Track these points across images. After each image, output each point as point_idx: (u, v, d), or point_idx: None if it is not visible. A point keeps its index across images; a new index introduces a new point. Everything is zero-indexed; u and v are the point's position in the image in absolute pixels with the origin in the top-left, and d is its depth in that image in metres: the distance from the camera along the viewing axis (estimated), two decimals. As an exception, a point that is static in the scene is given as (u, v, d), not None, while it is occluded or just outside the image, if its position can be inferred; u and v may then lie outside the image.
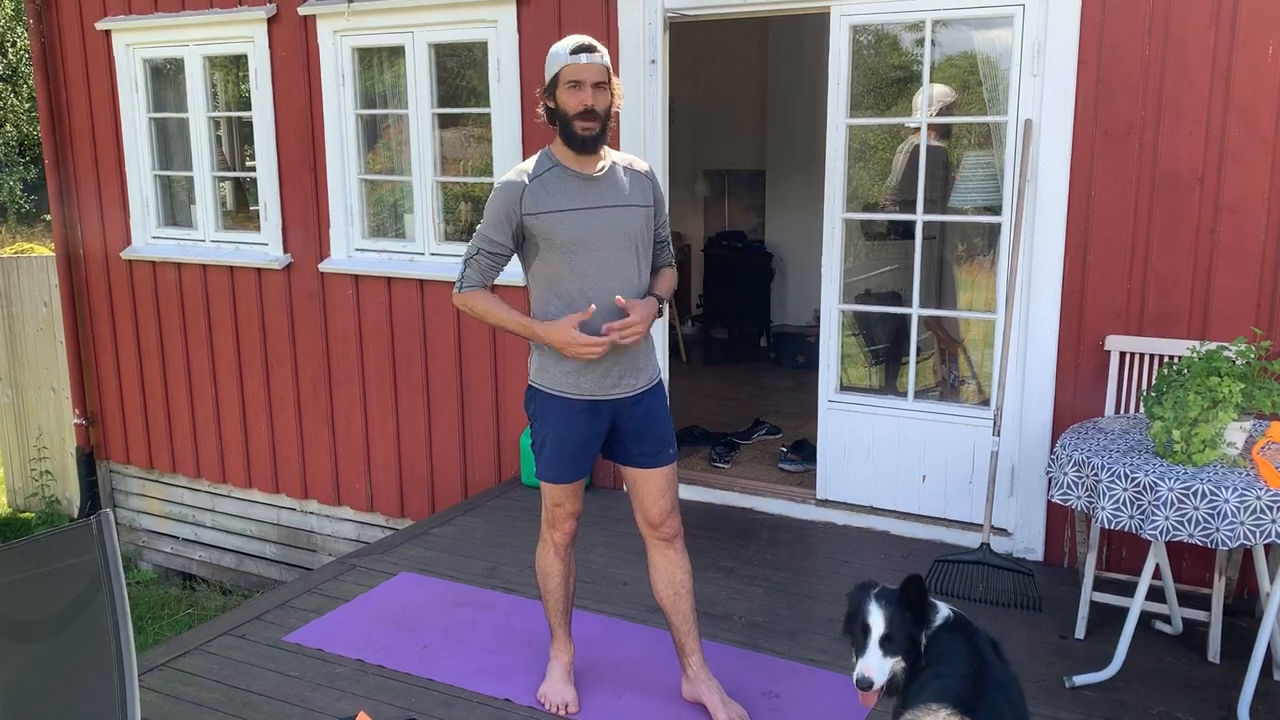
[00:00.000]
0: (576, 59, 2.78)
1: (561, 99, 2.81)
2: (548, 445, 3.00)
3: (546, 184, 2.85)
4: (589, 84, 2.79)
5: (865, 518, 4.58)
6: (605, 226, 2.86)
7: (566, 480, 3.01)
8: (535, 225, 2.84)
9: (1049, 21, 3.90)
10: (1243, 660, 3.16)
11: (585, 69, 2.79)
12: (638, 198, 2.95)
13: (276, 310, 5.90)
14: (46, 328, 7.36)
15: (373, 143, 5.64)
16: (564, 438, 2.97)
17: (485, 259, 2.90)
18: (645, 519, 3.08)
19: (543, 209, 2.83)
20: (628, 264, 2.91)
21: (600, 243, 2.86)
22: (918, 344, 4.47)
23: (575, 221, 2.84)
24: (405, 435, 5.66)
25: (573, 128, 2.81)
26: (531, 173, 2.87)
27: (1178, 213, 3.81)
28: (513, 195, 2.84)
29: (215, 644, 3.60)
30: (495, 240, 2.88)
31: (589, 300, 2.85)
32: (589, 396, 2.94)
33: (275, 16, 5.56)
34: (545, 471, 3.02)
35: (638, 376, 2.99)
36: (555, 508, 3.07)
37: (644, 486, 3.04)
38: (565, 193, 2.85)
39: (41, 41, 6.37)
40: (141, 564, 6.82)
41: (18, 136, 19.22)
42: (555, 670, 3.21)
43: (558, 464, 3.00)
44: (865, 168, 4.85)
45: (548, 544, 3.13)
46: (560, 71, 2.80)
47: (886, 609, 2.31)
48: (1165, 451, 3.11)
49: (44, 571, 2.12)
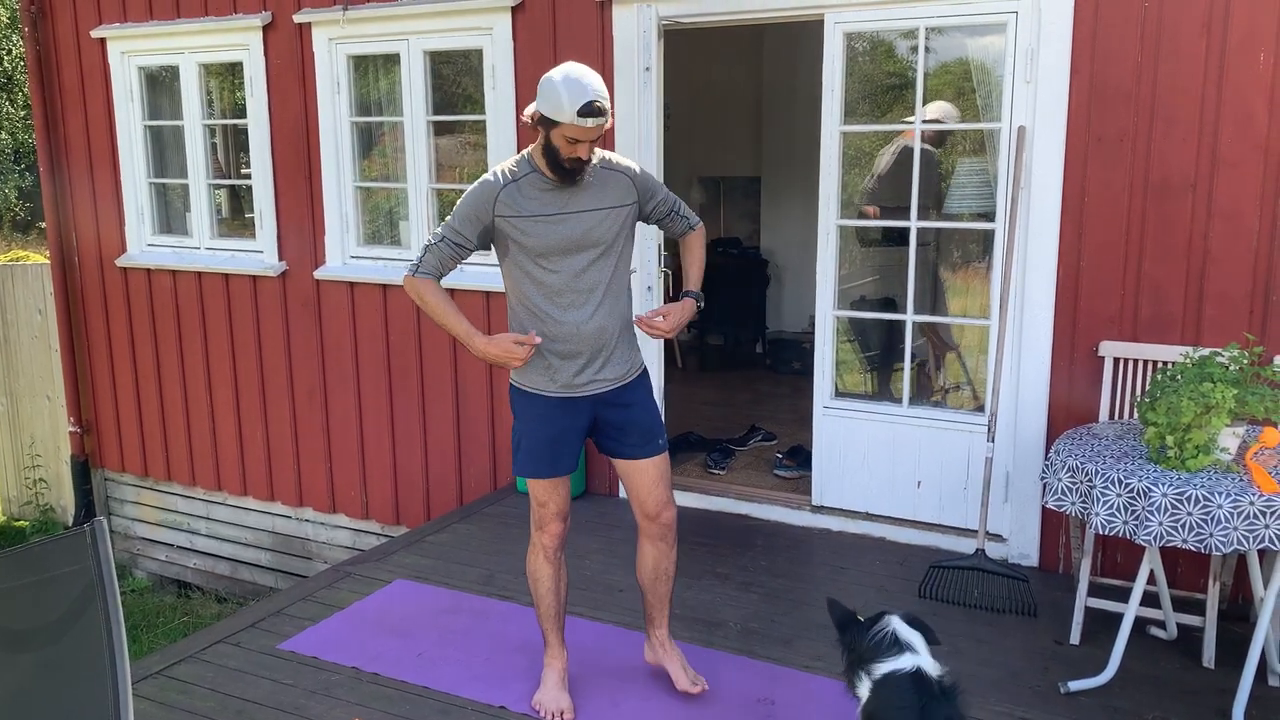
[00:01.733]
0: (583, 123, 2.70)
1: (556, 141, 2.77)
2: (522, 441, 3.06)
3: (523, 189, 2.88)
4: (587, 141, 2.77)
5: (861, 524, 4.58)
6: (577, 234, 2.89)
7: (544, 475, 3.03)
8: (506, 228, 2.88)
9: (1042, 29, 3.91)
10: (1237, 665, 3.16)
11: (590, 132, 2.74)
12: (613, 199, 2.95)
13: (272, 318, 5.90)
14: (41, 335, 7.35)
15: (368, 150, 5.65)
16: (536, 433, 3.03)
17: (448, 248, 2.95)
18: (642, 510, 3.13)
19: (515, 213, 2.87)
20: (600, 269, 2.95)
21: (571, 249, 2.89)
22: (913, 350, 4.48)
23: (547, 229, 2.87)
24: (400, 442, 5.65)
25: (560, 162, 2.81)
26: (510, 175, 2.90)
27: (1171, 219, 3.83)
28: (487, 195, 2.88)
29: (210, 652, 3.59)
30: (461, 234, 2.94)
31: (557, 304, 2.91)
32: (562, 394, 2.99)
33: (270, 24, 5.57)
34: (521, 466, 3.07)
35: (614, 370, 3.02)
36: (540, 508, 3.09)
37: (637, 477, 3.10)
38: (540, 199, 2.88)
39: (37, 49, 6.37)
40: (136, 572, 6.81)
41: (13, 144, 19.21)
42: (549, 678, 3.21)
43: (532, 459, 3.03)
44: (860, 174, 4.86)
45: (536, 547, 3.14)
46: (562, 124, 2.72)
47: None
48: (1159, 457, 3.12)
49: (38, 580, 2.11)
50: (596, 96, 2.71)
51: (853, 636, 2.50)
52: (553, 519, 3.09)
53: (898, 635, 2.41)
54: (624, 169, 3.01)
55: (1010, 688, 3.27)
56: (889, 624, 2.45)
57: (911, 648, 2.40)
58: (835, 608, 2.58)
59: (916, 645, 2.41)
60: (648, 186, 3.07)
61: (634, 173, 3.03)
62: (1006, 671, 3.38)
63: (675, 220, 3.17)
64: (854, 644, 2.48)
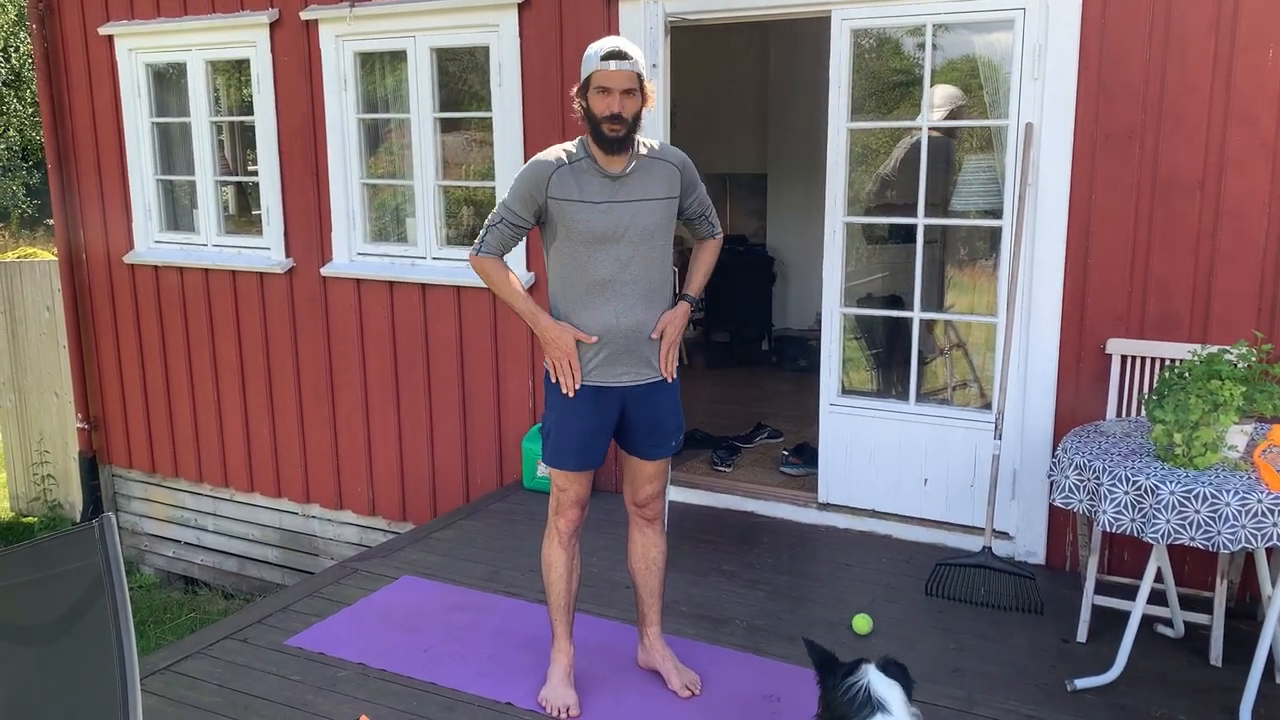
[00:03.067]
0: (606, 65, 2.84)
1: (591, 102, 2.88)
2: (553, 431, 3.09)
3: (576, 173, 2.95)
4: (618, 91, 2.85)
5: (867, 521, 4.58)
6: (624, 223, 2.95)
7: (570, 468, 3.07)
8: (557, 211, 2.94)
9: (1050, 25, 3.90)
10: (1244, 664, 3.15)
11: (614, 76, 2.84)
12: (660, 190, 3.01)
13: (278, 314, 5.91)
14: (49, 332, 7.37)
15: (374, 147, 5.65)
16: (567, 425, 3.06)
17: (507, 229, 3.00)
18: (632, 497, 3.23)
19: (566, 196, 2.92)
20: (645, 256, 3.00)
21: (616, 238, 2.95)
22: (920, 347, 4.47)
23: (594, 215, 2.93)
24: (407, 439, 5.66)
25: (600, 129, 2.89)
26: (566, 158, 2.96)
27: (1178, 216, 3.81)
28: (541, 175, 2.94)
29: (217, 648, 3.60)
30: (517, 213, 2.99)
31: (600, 294, 2.96)
32: (595, 383, 3.02)
33: (277, 21, 5.57)
34: (551, 457, 3.09)
35: (647, 367, 3.06)
36: (560, 493, 3.13)
37: (638, 470, 3.18)
38: (590, 185, 2.94)
39: (45, 46, 6.39)
40: (143, 568, 6.83)
41: (21, 141, 19.28)
42: (556, 673, 3.21)
43: (560, 452, 3.07)
44: (866, 171, 4.85)
45: (552, 532, 3.18)
46: (591, 75, 2.87)
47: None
48: (1167, 455, 3.11)
49: (46, 576, 2.12)
50: (621, 46, 2.86)
51: (828, 685, 2.36)
52: (571, 505, 3.13)
53: (871, 693, 2.26)
54: (672, 159, 3.05)
55: (1017, 685, 3.27)
56: (864, 677, 2.30)
57: (884, 707, 2.24)
58: (813, 649, 2.44)
59: (891, 704, 2.26)
60: (692, 180, 3.11)
61: (681, 163, 3.08)
62: (1013, 669, 3.38)
63: (702, 223, 3.23)
64: (829, 696, 2.35)
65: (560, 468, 3.08)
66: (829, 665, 2.40)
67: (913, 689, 2.34)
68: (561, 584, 3.18)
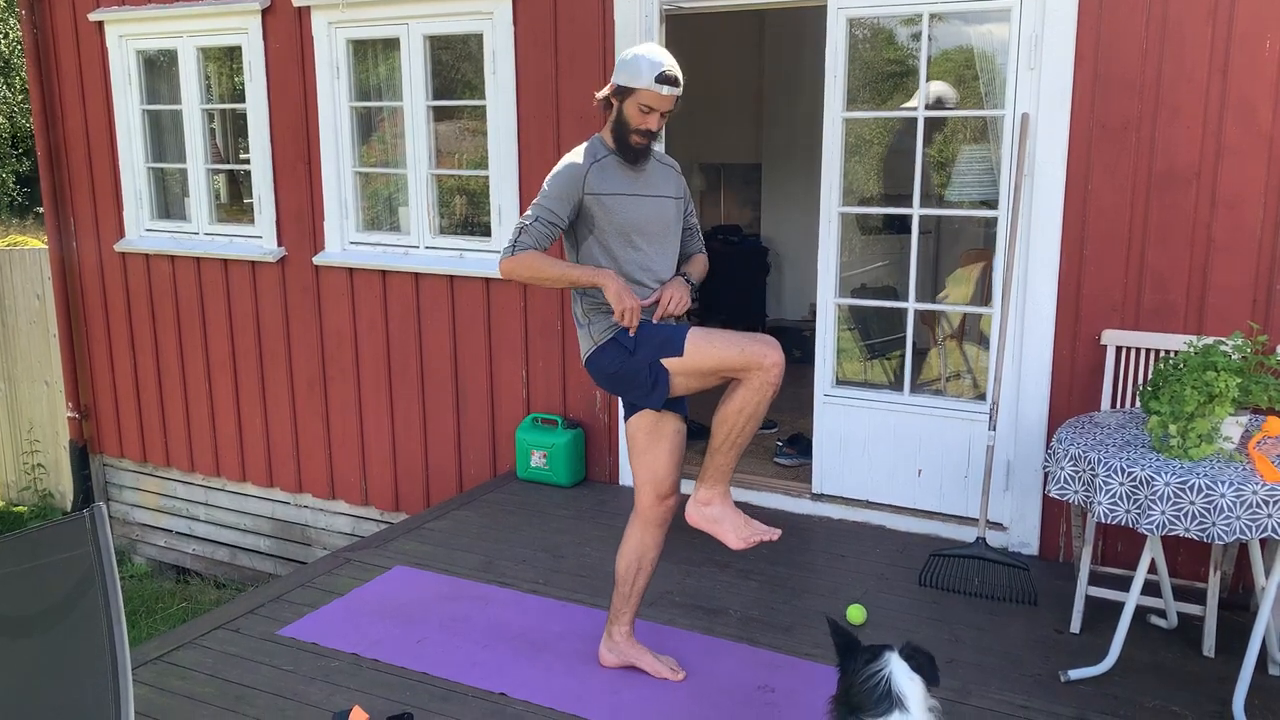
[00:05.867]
0: (659, 89, 2.87)
1: (628, 110, 2.93)
2: (648, 370, 2.95)
3: (605, 167, 3.00)
4: (660, 112, 2.91)
5: (861, 512, 4.58)
6: (654, 214, 3.05)
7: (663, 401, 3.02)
8: (596, 205, 2.98)
9: (1046, 15, 3.89)
10: (1238, 654, 3.16)
11: (665, 100, 2.90)
12: (672, 190, 3.13)
13: (271, 303, 5.88)
14: (39, 321, 7.33)
15: (367, 135, 5.62)
16: (649, 359, 2.95)
17: (543, 226, 2.98)
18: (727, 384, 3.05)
19: (605, 190, 2.98)
20: (672, 248, 3.12)
21: (650, 227, 3.04)
22: (913, 338, 4.47)
23: (632, 206, 3.00)
24: (400, 429, 5.64)
25: (629, 139, 2.96)
26: (592, 156, 3.01)
27: (1175, 207, 3.81)
28: (577, 174, 2.98)
29: (209, 638, 3.59)
30: (554, 212, 2.98)
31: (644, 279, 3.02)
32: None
33: (269, 8, 5.54)
34: (661, 395, 2.96)
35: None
36: (663, 480, 3.12)
37: (691, 382, 3.00)
38: (621, 179, 3.01)
39: (34, 33, 6.33)
40: (135, 558, 6.81)
41: (10, 129, 19.17)
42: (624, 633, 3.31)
43: (662, 386, 2.95)
44: (861, 162, 4.84)
45: (651, 522, 3.15)
46: (639, 91, 2.89)
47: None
48: (1162, 446, 3.11)
49: (36, 565, 2.11)
50: (675, 69, 2.90)
51: (849, 669, 2.27)
52: (673, 489, 3.15)
53: (892, 686, 2.17)
54: (675, 165, 3.19)
55: (1011, 676, 3.27)
56: (887, 667, 2.20)
57: (903, 704, 2.15)
58: (837, 630, 2.34)
59: (910, 701, 2.16)
60: (688, 193, 3.25)
61: (679, 169, 3.21)
62: (1007, 660, 3.38)
63: (692, 235, 3.31)
64: (848, 680, 2.25)
65: (660, 403, 3.00)
66: (851, 649, 2.30)
67: (938, 679, 2.24)
68: (652, 568, 3.21)
